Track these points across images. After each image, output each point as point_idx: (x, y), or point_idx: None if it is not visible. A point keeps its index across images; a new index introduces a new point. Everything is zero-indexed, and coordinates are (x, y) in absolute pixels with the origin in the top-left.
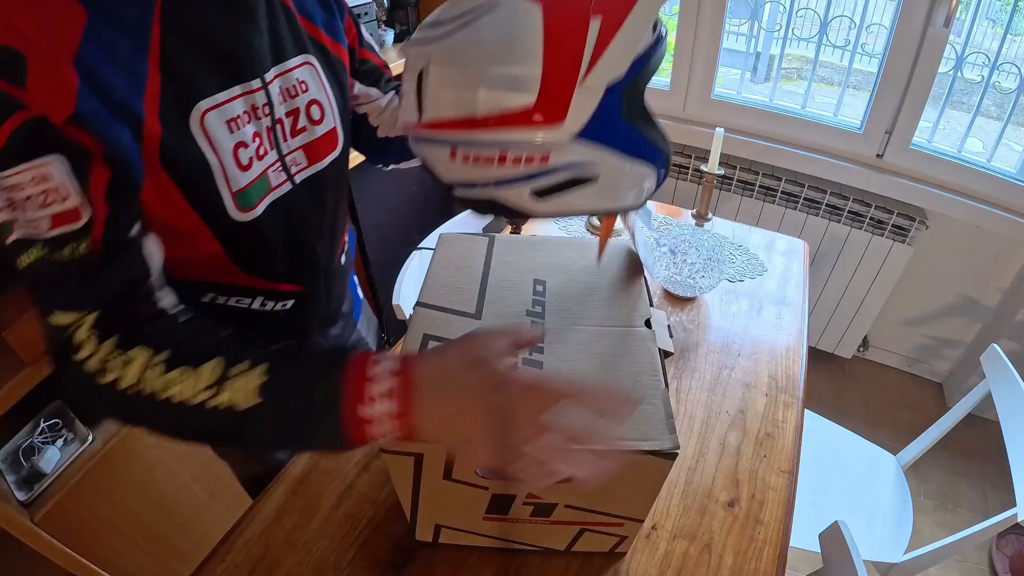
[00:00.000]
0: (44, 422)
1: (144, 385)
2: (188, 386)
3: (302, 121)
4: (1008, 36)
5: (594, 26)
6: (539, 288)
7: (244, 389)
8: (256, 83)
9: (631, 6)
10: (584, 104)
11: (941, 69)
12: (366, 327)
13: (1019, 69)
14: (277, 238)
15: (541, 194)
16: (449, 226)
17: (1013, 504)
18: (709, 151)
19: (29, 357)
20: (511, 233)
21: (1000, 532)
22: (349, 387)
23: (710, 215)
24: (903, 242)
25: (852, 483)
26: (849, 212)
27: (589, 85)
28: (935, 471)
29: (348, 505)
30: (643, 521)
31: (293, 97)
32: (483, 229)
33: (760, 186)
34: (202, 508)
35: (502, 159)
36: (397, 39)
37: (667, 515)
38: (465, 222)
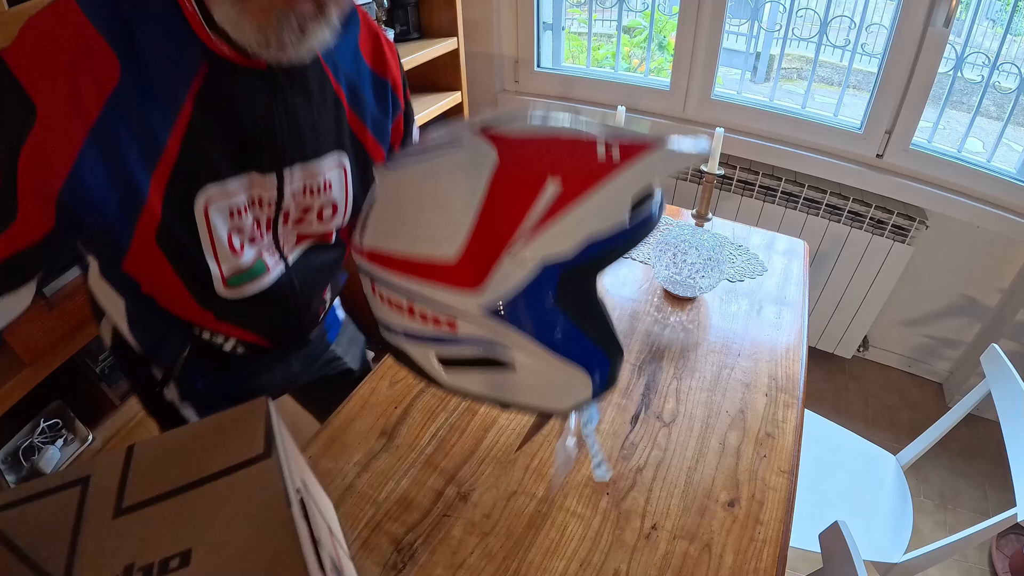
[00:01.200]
0: (44, 422)
1: None
2: None
3: (309, 217)
4: (1008, 36)
5: (550, 189)
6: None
7: None
8: (271, 178)
9: (602, 176)
10: (509, 276)
11: (941, 69)
12: (346, 347)
13: (1019, 69)
14: (258, 309)
15: (447, 363)
16: None
17: (1013, 504)
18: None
19: (29, 357)
20: None
21: (1000, 532)
22: None
23: (710, 215)
24: (903, 242)
25: (852, 483)
26: (849, 212)
27: (520, 256)
28: (935, 471)
29: (348, 505)
30: None
31: (312, 194)
32: None
33: (760, 186)
34: None
35: (410, 310)
36: (398, 39)
37: (667, 515)
38: None
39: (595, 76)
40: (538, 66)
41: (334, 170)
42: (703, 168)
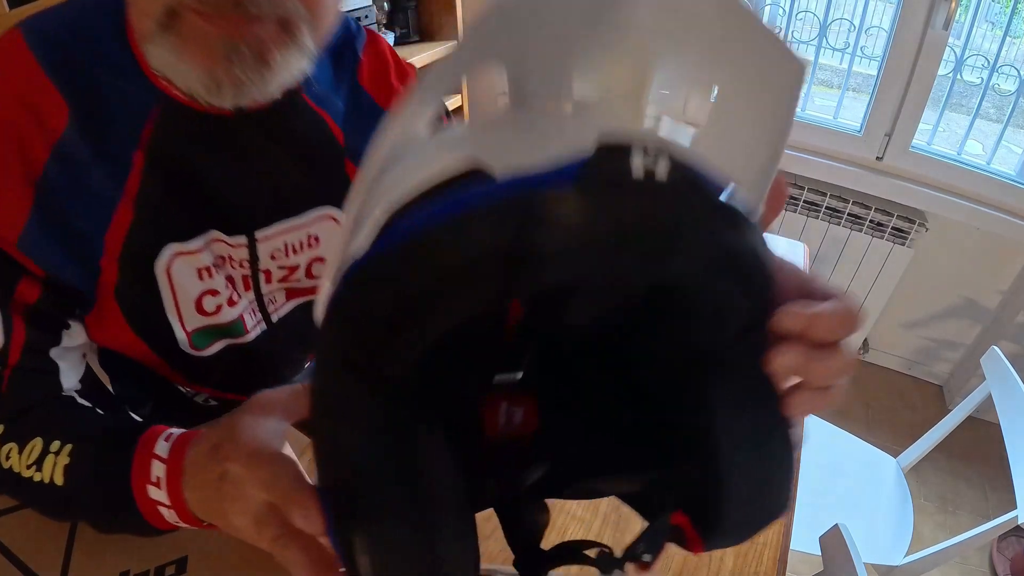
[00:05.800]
0: None
1: None
2: (16, 460)
3: (297, 275)
4: (1007, 38)
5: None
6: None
7: (57, 468)
8: (240, 238)
9: None
10: None
11: (940, 71)
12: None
13: (1018, 71)
14: (236, 370)
15: None
16: None
17: (1014, 506)
18: None
19: None
20: None
21: (1001, 534)
22: (136, 470)
23: None
24: (903, 244)
25: (852, 486)
26: (849, 214)
27: None
28: (935, 473)
29: None
30: None
31: (297, 252)
32: None
33: None
34: None
35: None
36: (397, 42)
37: None
38: None
39: None
40: None
41: (322, 223)
42: None
